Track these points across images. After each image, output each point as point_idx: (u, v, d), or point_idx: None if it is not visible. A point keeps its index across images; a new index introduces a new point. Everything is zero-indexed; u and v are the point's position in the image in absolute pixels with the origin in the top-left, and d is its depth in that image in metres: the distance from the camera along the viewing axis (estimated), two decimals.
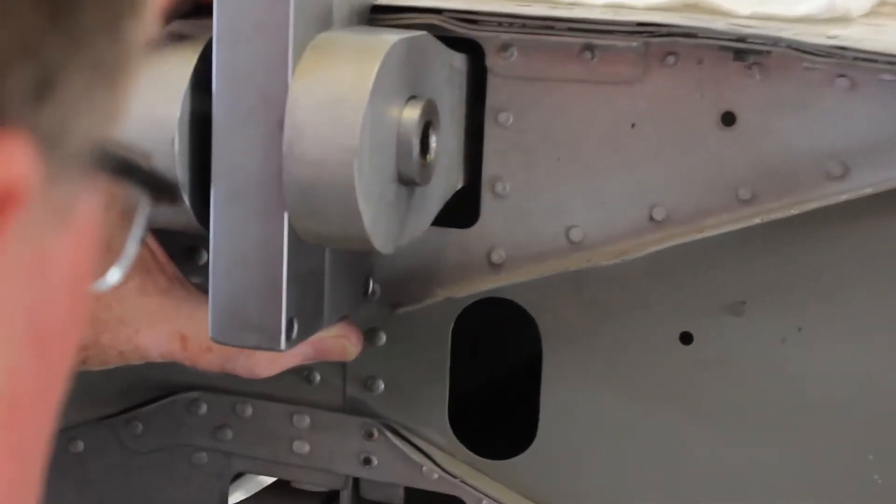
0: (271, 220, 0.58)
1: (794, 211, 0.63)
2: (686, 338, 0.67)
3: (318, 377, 0.75)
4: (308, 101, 0.56)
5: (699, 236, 0.64)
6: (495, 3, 0.66)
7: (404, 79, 0.59)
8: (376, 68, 0.56)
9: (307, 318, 0.62)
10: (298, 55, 0.57)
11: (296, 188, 0.57)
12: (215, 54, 0.57)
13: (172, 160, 0.59)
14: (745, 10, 0.68)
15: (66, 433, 0.80)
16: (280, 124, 0.56)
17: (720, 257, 0.66)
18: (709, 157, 0.64)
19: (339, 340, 0.67)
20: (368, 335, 0.72)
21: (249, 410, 0.76)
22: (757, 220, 0.63)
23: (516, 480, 0.72)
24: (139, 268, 0.64)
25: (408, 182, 0.61)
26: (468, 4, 0.65)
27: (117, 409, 0.79)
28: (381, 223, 0.58)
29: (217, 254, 0.59)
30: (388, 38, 0.58)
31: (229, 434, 0.77)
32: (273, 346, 0.59)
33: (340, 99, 0.56)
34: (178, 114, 0.59)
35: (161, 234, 0.65)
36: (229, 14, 0.57)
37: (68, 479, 0.82)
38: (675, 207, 0.65)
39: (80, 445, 0.81)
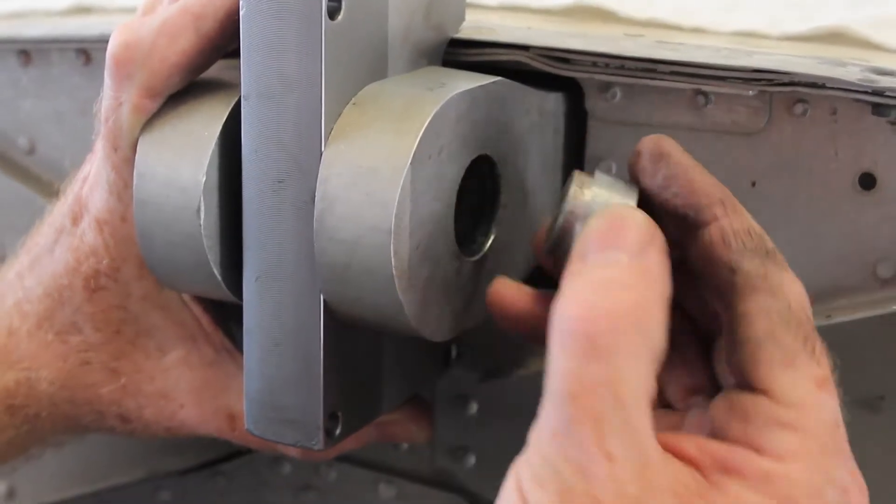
0: (307, 300, 0.50)
1: None
2: None
3: (405, 444, 0.67)
4: (340, 170, 0.48)
5: (827, 322, 0.54)
6: (594, 38, 0.56)
7: (466, 136, 0.50)
8: (420, 132, 0.47)
9: (357, 409, 0.54)
10: (336, 114, 0.49)
11: (329, 269, 0.49)
12: (243, 113, 0.50)
13: (198, 230, 0.52)
14: None
15: (152, 483, 0.75)
16: (313, 195, 0.48)
17: (854, 343, 0.55)
18: (843, 226, 0.54)
19: (403, 426, 0.59)
20: (458, 402, 0.65)
21: (334, 474, 0.69)
22: (895, 308, 0.52)
23: None
24: (183, 337, 0.57)
25: (473, 255, 0.52)
26: (560, 41, 0.56)
27: (203, 460, 0.73)
28: (433, 310, 0.50)
29: (250, 336, 0.52)
30: (441, 94, 0.49)
31: (312, 497, 0.70)
32: (311, 445, 0.52)
33: (375, 169, 0.47)
34: (203, 179, 0.51)
35: (207, 300, 0.58)
36: (255, 67, 0.49)
37: None
38: (803, 283, 0.54)
39: (167, 496, 0.75)
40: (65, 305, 0.57)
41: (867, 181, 0.53)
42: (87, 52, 0.68)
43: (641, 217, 0.42)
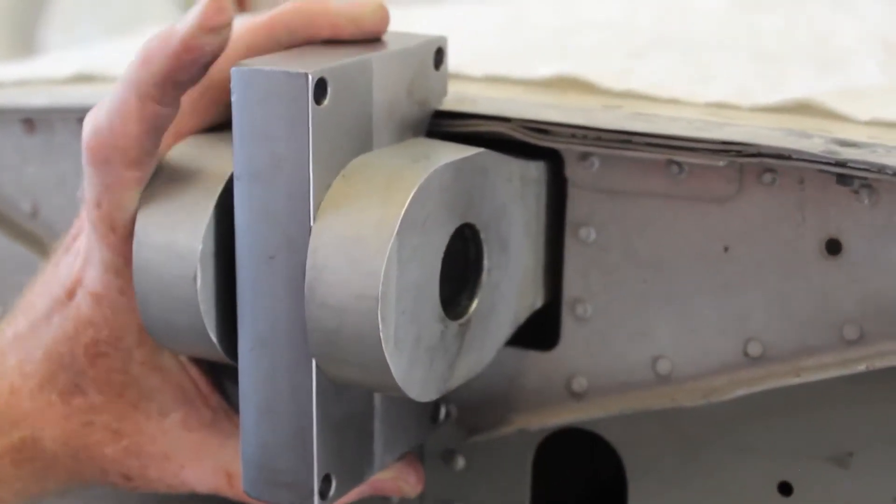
0: (299, 368, 0.53)
1: None
2: (785, 488, 0.59)
3: (395, 497, 0.69)
4: (329, 240, 0.50)
5: (797, 381, 0.56)
6: (573, 110, 0.59)
7: (451, 206, 0.53)
8: (406, 203, 0.50)
9: (350, 469, 0.56)
10: (325, 188, 0.51)
11: (319, 335, 0.51)
12: (235, 192, 0.52)
13: (195, 296, 0.54)
14: (865, 115, 0.59)
15: None
16: (304, 268, 0.51)
17: (824, 402, 0.58)
18: (811, 289, 0.56)
19: (395, 482, 0.61)
20: (446, 457, 0.67)
21: None
22: (861, 368, 0.55)
23: None
24: (182, 400, 0.60)
25: (458, 318, 0.55)
26: (540, 112, 0.58)
27: None
28: (418, 371, 0.52)
29: (246, 401, 0.54)
30: (426, 166, 0.51)
31: None
32: None
33: (362, 239, 0.50)
34: (200, 247, 0.54)
35: (204, 362, 0.60)
36: (246, 149, 0.51)
37: None
38: (773, 343, 0.57)
39: None
40: (66, 369, 0.59)
41: (833, 247, 0.56)
42: None
43: None
